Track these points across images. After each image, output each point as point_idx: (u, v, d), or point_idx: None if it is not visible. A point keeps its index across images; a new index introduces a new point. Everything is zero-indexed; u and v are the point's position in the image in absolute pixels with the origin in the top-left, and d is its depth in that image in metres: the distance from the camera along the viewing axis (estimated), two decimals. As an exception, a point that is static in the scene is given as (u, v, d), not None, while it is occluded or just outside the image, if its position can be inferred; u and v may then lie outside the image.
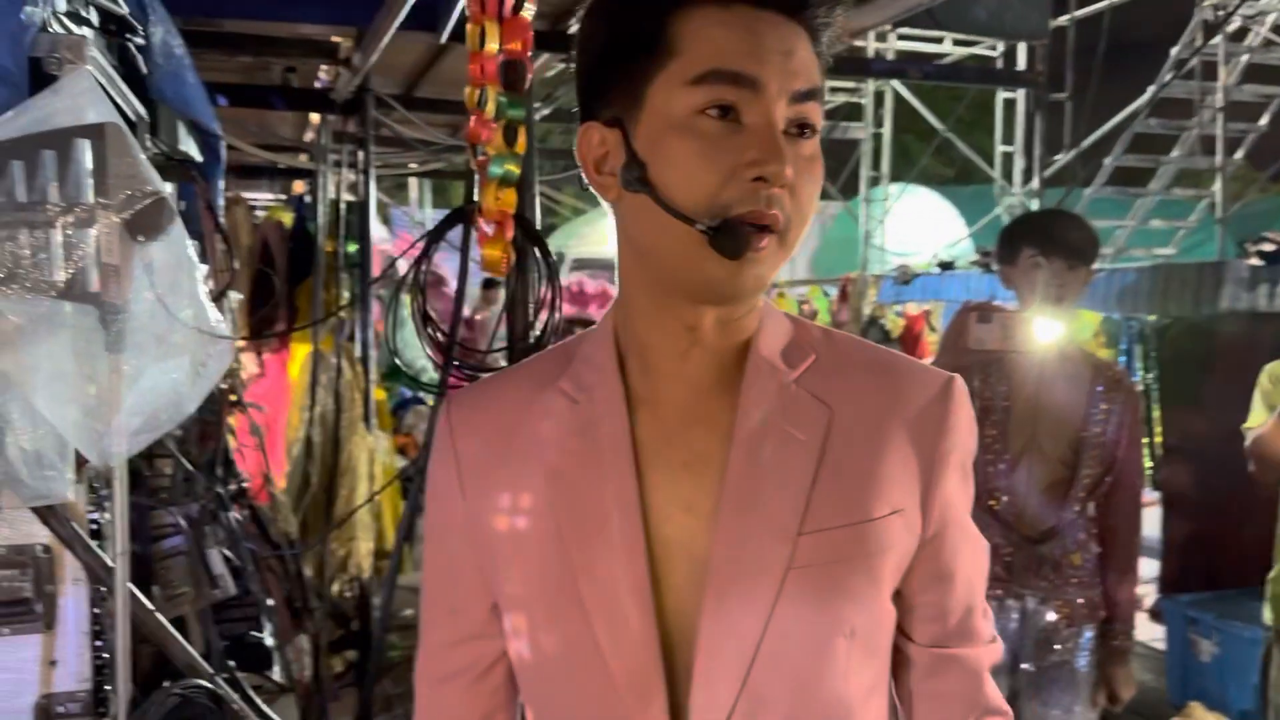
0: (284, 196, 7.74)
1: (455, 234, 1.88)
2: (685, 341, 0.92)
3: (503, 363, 1.85)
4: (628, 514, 0.90)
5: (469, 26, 1.74)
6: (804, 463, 0.90)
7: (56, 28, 1.62)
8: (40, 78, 1.52)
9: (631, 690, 0.89)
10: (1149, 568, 6.14)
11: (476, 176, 1.82)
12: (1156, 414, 6.00)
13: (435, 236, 1.83)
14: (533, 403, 0.96)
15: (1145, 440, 6.10)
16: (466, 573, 0.99)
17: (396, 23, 2.92)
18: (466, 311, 7.27)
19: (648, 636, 0.89)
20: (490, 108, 1.75)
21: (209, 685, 1.71)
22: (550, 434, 0.94)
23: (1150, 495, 6.29)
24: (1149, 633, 5.71)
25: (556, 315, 1.79)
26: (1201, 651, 4.24)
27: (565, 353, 0.98)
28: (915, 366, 0.99)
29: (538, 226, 1.88)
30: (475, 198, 1.83)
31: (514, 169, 1.74)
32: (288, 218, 5.61)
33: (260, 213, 6.78)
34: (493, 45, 1.73)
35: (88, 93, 1.46)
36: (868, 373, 0.96)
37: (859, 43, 7.78)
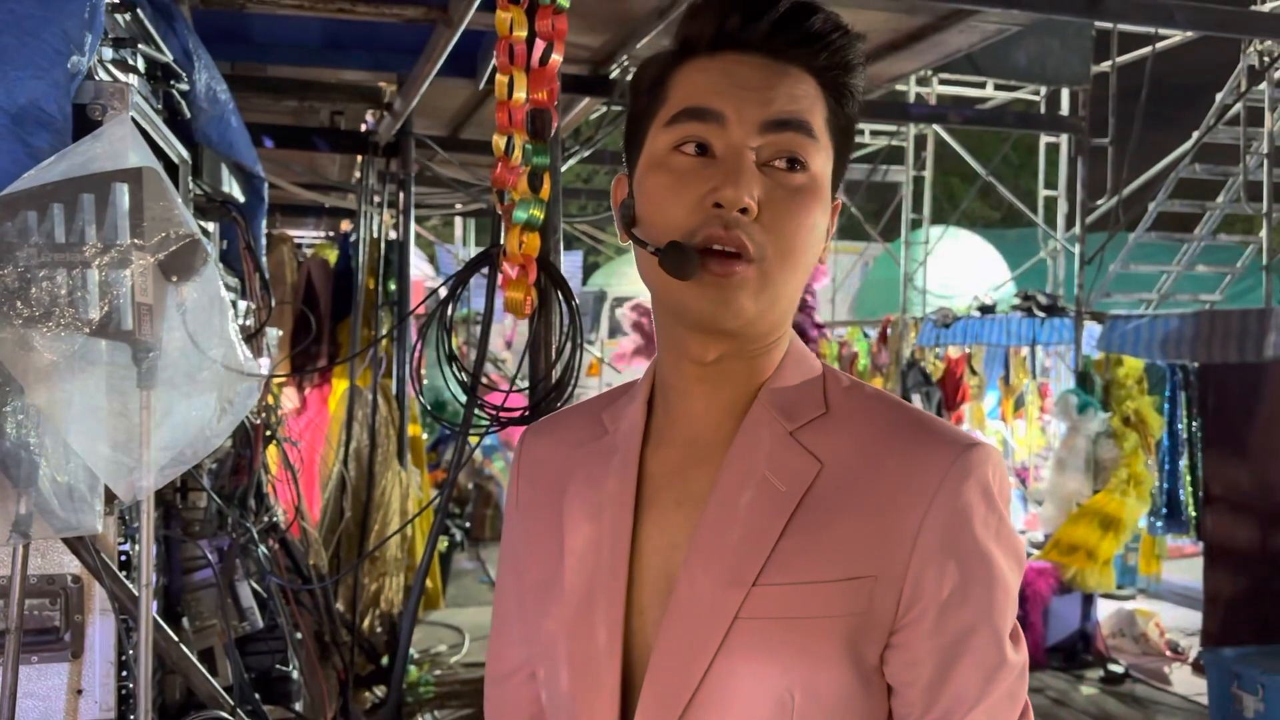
0: (330, 234, 7.90)
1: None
2: (693, 378, 0.95)
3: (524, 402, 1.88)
4: (617, 544, 0.94)
5: (498, 76, 1.78)
6: (777, 514, 0.89)
7: (102, 75, 1.69)
8: (84, 123, 1.58)
9: (585, 704, 0.93)
10: (1190, 618, 6.03)
11: (502, 220, 1.86)
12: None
13: (461, 279, 1.87)
14: (581, 430, 1.04)
15: (1192, 490, 6.01)
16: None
17: (435, 69, 2.99)
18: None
19: (611, 658, 0.93)
20: (517, 155, 1.80)
21: (229, 718, 1.74)
22: (581, 460, 1.01)
23: (1193, 545, 6.19)
24: (1192, 687, 5.59)
25: (578, 356, 1.82)
26: (1245, 707, 4.14)
27: (628, 385, 1.05)
28: (936, 434, 0.91)
29: (580, 266, 1.91)
30: (501, 241, 1.87)
31: (538, 214, 1.78)
32: (333, 255, 5.72)
33: (308, 250, 6.92)
34: (520, 94, 1.77)
35: (127, 138, 1.51)
36: (878, 433, 0.91)
37: (899, 87, 7.81)
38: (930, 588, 0.87)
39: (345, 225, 7.02)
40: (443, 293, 1.87)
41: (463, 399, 1.84)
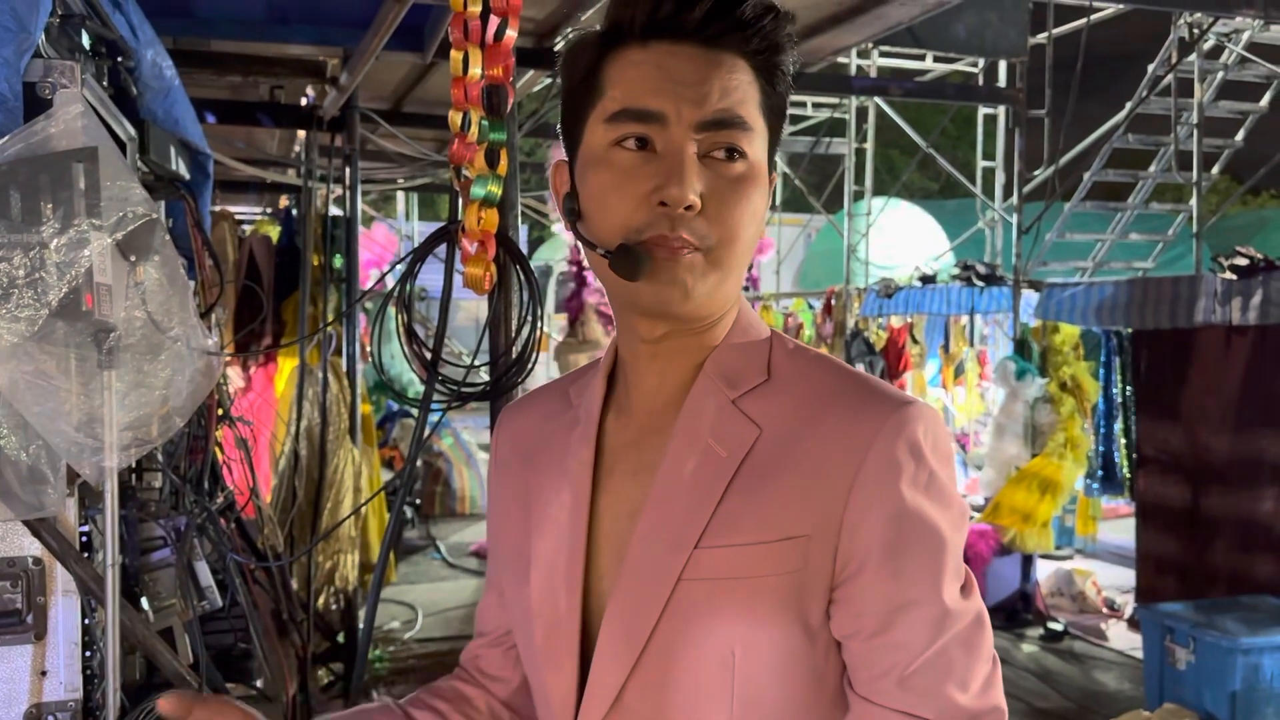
0: (270, 211, 7.78)
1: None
2: (645, 355, 0.99)
3: (485, 376, 1.90)
4: (577, 513, 0.99)
5: (452, 52, 1.79)
6: (718, 479, 0.92)
7: (50, 53, 1.67)
8: (34, 102, 1.56)
9: (550, 662, 0.98)
10: (1126, 577, 6.23)
11: (459, 197, 1.87)
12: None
13: (420, 255, 1.88)
14: (550, 406, 1.08)
15: (1126, 453, 6.18)
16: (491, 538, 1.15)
17: (382, 43, 2.97)
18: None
19: (571, 619, 0.97)
20: (473, 131, 1.80)
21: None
22: (549, 434, 1.06)
23: (1128, 506, 6.38)
24: (1128, 642, 5.78)
25: (538, 332, 1.84)
26: (1178, 660, 4.30)
27: (597, 361, 1.08)
28: (870, 394, 0.93)
29: (525, 240, 1.93)
30: (459, 217, 1.88)
31: (496, 190, 1.79)
32: (274, 232, 5.65)
33: (246, 227, 6.81)
34: (475, 70, 1.78)
35: (81, 117, 1.50)
36: (817, 396, 0.94)
37: (841, 60, 7.86)
38: (864, 543, 0.89)
39: (284, 201, 6.92)
40: (400, 270, 1.87)
41: (410, 375, 1.85)
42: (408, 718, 1.09)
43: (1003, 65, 8.40)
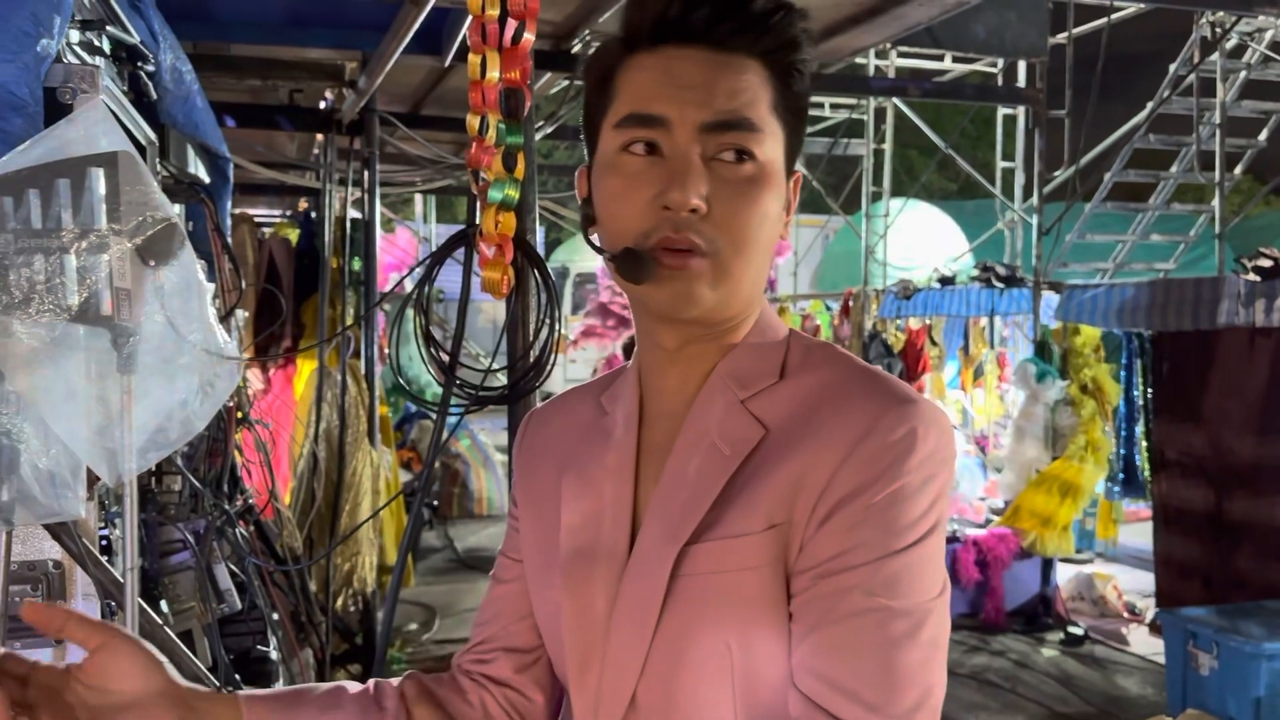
0: (289, 213, 7.81)
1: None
2: (664, 360, 0.99)
3: (503, 380, 1.90)
4: (619, 516, 0.97)
5: (470, 56, 1.78)
6: (719, 476, 0.91)
7: (70, 58, 1.68)
8: (55, 107, 1.57)
9: (577, 662, 0.97)
10: (1147, 581, 6.17)
11: (477, 200, 1.86)
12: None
13: (438, 258, 1.88)
14: (582, 412, 1.08)
15: (1148, 456, 6.14)
16: (510, 535, 1.14)
17: (401, 46, 2.98)
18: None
19: (607, 626, 0.95)
20: (491, 134, 1.80)
21: (216, 697, 1.75)
22: (581, 440, 1.04)
23: (1147, 509, 6.32)
24: (1149, 647, 5.73)
25: (555, 335, 1.83)
26: (1201, 665, 4.26)
27: (624, 368, 1.08)
28: (874, 388, 0.91)
29: (541, 243, 1.93)
30: (477, 220, 1.88)
31: (513, 194, 1.79)
32: (294, 235, 5.67)
33: (266, 230, 6.85)
34: (493, 74, 1.77)
35: (101, 122, 1.50)
36: (823, 391, 0.93)
37: (859, 60, 7.85)
38: (827, 536, 0.87)
39: (303, 204, 6.96)
40: (418, 273, 1.87)
41: (427, 377, 1.85)
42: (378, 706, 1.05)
43: (1022, 65, 8.35)
